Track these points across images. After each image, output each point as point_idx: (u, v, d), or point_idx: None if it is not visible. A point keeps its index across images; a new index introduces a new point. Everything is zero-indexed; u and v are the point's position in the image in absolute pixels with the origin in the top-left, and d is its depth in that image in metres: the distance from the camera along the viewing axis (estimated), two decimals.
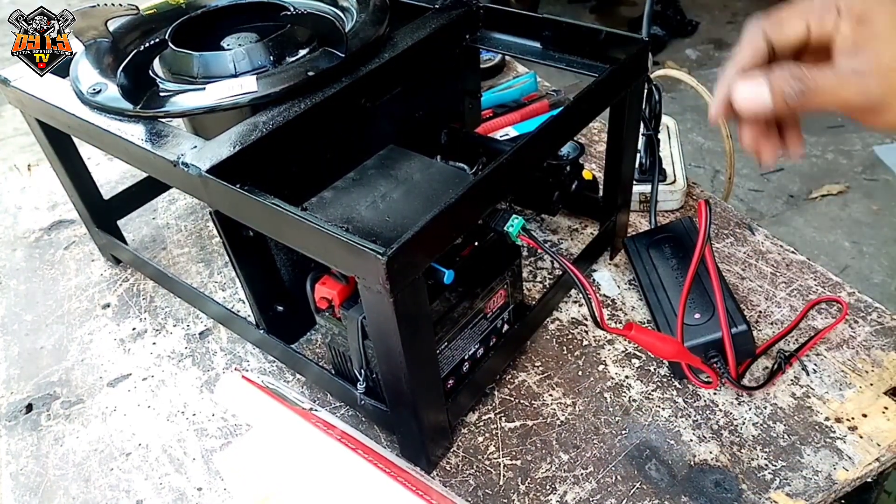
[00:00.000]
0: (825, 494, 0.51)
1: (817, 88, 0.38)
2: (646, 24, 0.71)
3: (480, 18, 0.66)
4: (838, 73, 0.37)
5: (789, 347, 0.60)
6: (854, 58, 0.37)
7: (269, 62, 0.58)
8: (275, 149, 0.52)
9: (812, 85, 0.38)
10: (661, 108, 0.75)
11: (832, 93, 0.38)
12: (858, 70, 0.37)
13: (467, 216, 0.46)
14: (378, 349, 0.47)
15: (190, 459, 0.58)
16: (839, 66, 0.37)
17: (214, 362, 0.66)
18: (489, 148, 0.66)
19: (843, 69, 0.37)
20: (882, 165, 2.19)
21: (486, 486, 0.53)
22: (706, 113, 0.49)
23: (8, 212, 0.90)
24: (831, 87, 0.37)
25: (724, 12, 3.15)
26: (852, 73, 0.37)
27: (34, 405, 0.64)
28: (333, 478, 0.42)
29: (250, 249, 0.55)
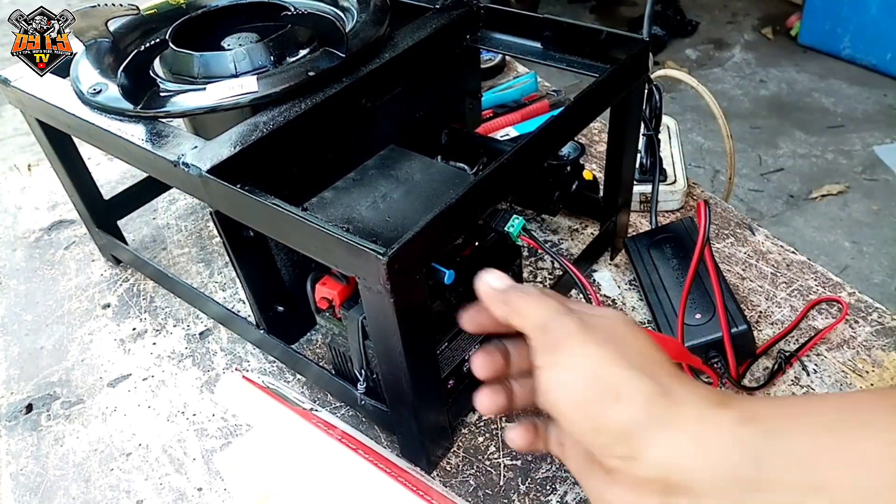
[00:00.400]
0: None
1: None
2: (646, 25, 0.71)
3: (481, 18, 0.66)
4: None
5: (790, 348, 0.60)
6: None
7: (269, 62, 0.58)
8: (275, 149, 0.52)
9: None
10: (662, 109, 0.75)
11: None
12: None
13: (468, 216, 0.46)
14: (378, 349, 0.47)
15: (190, 460, 0.58)
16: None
17: (215, 362, 0.66)
18: (490, 148, 0.66)
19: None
20: (882, 165, 2.20)
21: (487, 487, 0.53)
22: (706, 113, 0.50)
23: (8, 212, 0.90)
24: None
25: (724, 12, 3.15)
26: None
27: (34, 405, 0.64)
28: (334, 478, 0.42)
29: (251, 250, 0.55)
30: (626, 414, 0.33)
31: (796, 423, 0.32)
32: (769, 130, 2.39)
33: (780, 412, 0.33)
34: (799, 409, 0.33)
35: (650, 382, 0.34)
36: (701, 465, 0.32)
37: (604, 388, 0.34)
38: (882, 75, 2.57)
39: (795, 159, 2.26)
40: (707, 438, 0.32)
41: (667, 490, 0.32)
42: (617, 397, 0.33)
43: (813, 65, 2.70)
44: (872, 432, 0.30)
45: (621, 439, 0.33)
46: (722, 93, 2.58)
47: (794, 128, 2.39)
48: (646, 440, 0.33)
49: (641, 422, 0.33)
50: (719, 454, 0.32)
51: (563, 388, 0.35)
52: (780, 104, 2.52)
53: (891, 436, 0.30)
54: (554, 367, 0.35)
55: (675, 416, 0.33)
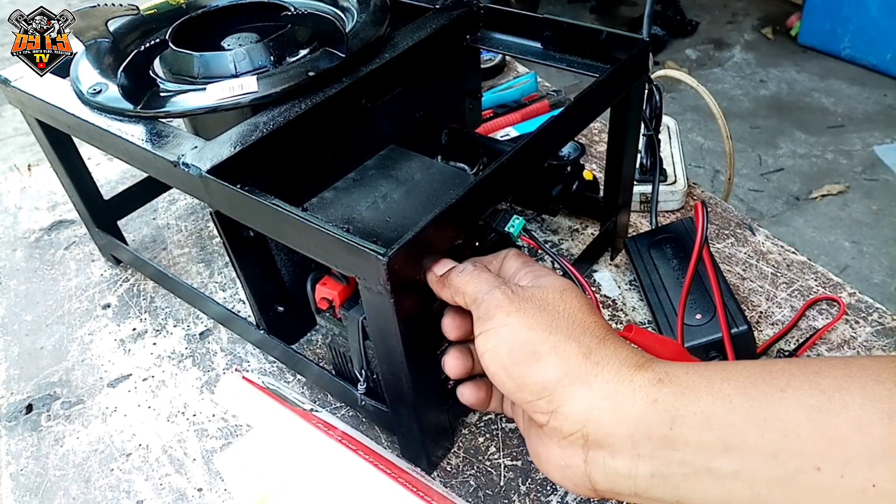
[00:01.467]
0: None
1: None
2: (646, 24, 0.71)
3: (481, 19, 0.66)
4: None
5: (789, 347, 0.60)
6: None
7: (269, 62, 0.58)
8: (275, 149, 0.52)
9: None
10: (662, 109, 0.75)
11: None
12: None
13: (468, 217, 0.46)
14: (378, 350, 0.47)
15: (190, 460, 0.58)
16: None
17: (215, 363, 0.66)
18: (490, 148, 0.66)
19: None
20: (882, 165, 2.20)
21: (487, 487, 0.53)
22: (706, 113, 0.50)
23: (8, 212, 0.90)
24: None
25: (724, 12, 3.15)
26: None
27: (34, 405, 0.64)
28: (334, 478, 0.42)
29: (251, 250, 0.55)
30: (545, 372, 0.36)
31: (711, 385, 0.33)
32: (769, 130, 2.39)
33: (696, 375, 0.34)
34: (716, 374, 0.34)
35: (571, 344, 0.36)
36: (616, 421, 0.34)
37: (525, 350, 0.36)
38: (882, 75, 2.57)
39: (795, 159, 2.26)
40: (622, 397, 0.34)
41: (586, 443, 0.35)
42: (537, 358, 0.36)
43: (813, 65, 2.70)
44: (787, 397, 0.31)
45: (543, 395, 0.36)
46: (722, 93, 2.58)
47: (794, 128, 2.39)
48: (564, 396, 0.35)
49: (560, 379, 0.35)
50: (634, 412, 0.33)
51: (491, 353, 0.38)
52: (780, 104, 2.52)
53: (806, 401, 0.30)
54: (483, 335, 0.38)
55: (592, 375, 0.35)
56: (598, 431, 0.34)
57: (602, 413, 0.34)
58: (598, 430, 0.34)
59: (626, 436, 0.34)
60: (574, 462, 0.36)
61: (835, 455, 0.29)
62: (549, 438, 0.37)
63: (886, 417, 0.29)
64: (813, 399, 0.30)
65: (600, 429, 0.34)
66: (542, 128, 0.50)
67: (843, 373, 0.31)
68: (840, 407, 0.30)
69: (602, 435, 0.34)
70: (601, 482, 0.35)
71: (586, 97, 0.53)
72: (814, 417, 0.30)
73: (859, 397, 0.30)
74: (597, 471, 0.35)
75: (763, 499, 0.31)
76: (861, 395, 0.30)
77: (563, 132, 0.54)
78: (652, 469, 0.33)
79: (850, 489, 0.29)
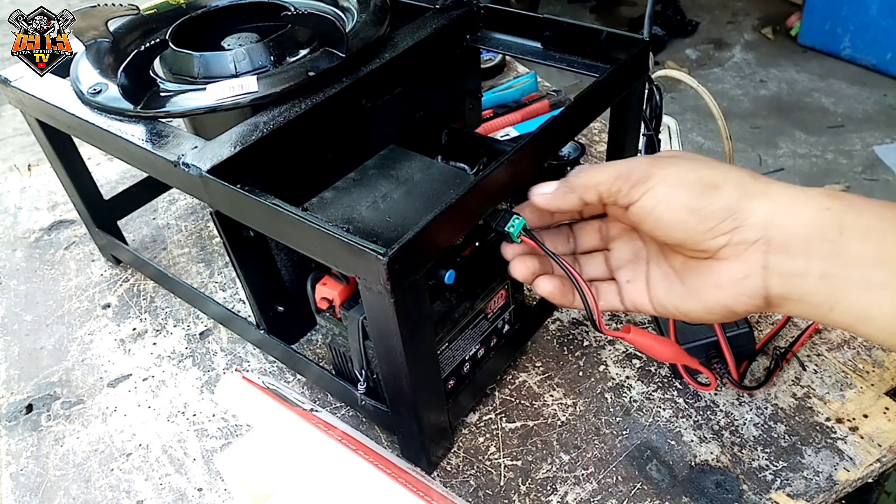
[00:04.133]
0: (826, 495, 0.51)
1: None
2: (647, 24, 0.71)
3: (481, 18, 0.66)
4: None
5: (787, 345, 0.60)
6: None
7: (269, 62, 0.58)
8: (275, 149, 0.52)
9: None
10: (662, 109, 0.75)
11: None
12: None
13: (468, 216, 0.46)
14: (379, 350, 0.47)
15: (190, 460, 0.58)
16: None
17: (215, 363, 0.66)
18: (490, 148, 0.66)
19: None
20: (882, 165, 2.19)
21: (487, 487, 0.53)
22: (706, 113, 0.52)
23: (8, 212, 0.90)
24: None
25: (724, 12, 3.15)
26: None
27: (34, 405, 0.64)
28: (334, 478, 0.42)
29: (251, 250, 0.55)
30: (727, 195, 0.39)
31: (873, 207, 0.37)
32: (769, 130, 2.39)
33: (859, 198, 0.38)
34: (875, 201, 0.38)
35: (736, 171, 0.40)
36: (795, 223, 0.38)
37: (700, 184, 0.40)
38: (882, 75, 2.57)
39: (795, 159, 2.26)
40: (800, 204, 0.38)
41: (767, 249, 0.39)
42: (715, 186, 0.40)
43: (813, 65, 2.70)
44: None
45: (727, 215, 0.39)
46: (722, 93, 2.58)
47: (794, 128, 2.39)
48: (748, 209, 0.39)
49: (740, 197, 0.39)
50: (809, 217, 0.38)
51: (665, 202, 0.41)
52: (780, 104, 2.52)
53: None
54: (650, 191, 0.41)
55: (769, 189, 0.39)
56: (779, 235, 0.38)
57: (783, 217, 0.38)
58: (779, 233, 0.38)
59: (804, 237, 0.37)
60: (753, 270, 0.39)
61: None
62: (726, 260, 0.40)
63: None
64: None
65: (782, 232, 0.38)
66: (542, 128, 0.50)
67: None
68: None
69: (783, 238, 0.38)
70: (776, 286, 0.39)
71: (586, 97, 0.53)
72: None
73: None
74: (774, 275, 0.39)
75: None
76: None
77: (563, 132, 0.54)
78: (822, 270, 0.37)
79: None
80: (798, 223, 0.38)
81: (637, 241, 0.48)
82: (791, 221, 0.38)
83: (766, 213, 0.39)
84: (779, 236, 0.38)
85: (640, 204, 0.42)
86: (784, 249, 0.38)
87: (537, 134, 0.49)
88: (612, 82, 0.56)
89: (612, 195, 0.43)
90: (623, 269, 0.49)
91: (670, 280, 0.45)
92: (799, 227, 0.38)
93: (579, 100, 0.53)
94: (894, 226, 0.36)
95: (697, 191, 0.40)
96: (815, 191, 0.39)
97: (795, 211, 0.38)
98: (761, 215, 0.39)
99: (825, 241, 0.37)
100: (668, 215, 0.41)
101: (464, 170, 0.60)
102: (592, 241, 0.50)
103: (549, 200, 0.45)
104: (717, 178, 0.40)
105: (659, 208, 0.41)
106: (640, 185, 0.41)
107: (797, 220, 0.38)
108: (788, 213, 0.38)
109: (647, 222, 0.42)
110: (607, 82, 0.55)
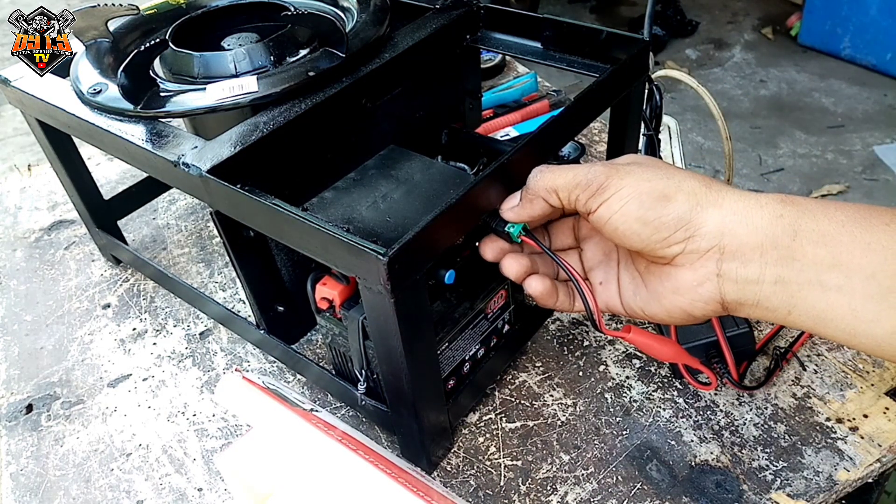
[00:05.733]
0: (826, 495, 0.51)
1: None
2: (647, 24, 0.71)
3: (481, 18, 0.66)
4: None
5: (788, 345, 0.60)
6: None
7: (269, 62, 0.58)
8: (275, 149, 0.52)
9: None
10: (662, 109, 0.74)
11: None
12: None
13: (468, 216, 0.46)
14: (379, 350, 0.47)
15: (190, 460, 0.58)
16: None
17: (215, 363, 0.66)
18: (490, 148, 0.66)
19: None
20: (882, 165, 2.19)
21: (487, 487, 0.53)
22: (706, 113, 0.52)
23: (8, 212, 0.90)
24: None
25: (724, 12, 3.15)
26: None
27: (34, 405, 0.64)
28: (334, 478, 0.42)
29: (251, 250, 0.55)
30: (678, 207, 0.40)
31: (827, 211, 0.38)
32: (769, 130, 2.39)
33: (813, 202, 0.39)
34: (830, 204, 0.39)
35: (693, 179, 0.41)
36: (747, 231, 0.39)
37: (653, 196, 0.41)
38: (882, 75, 2.57)
39: (795, 159, 2.26)
40: (752, 212, 0.39)
41: (721, 257, 0.39)
42: (667, 198, 0.40)
43: (813, 65, 2.70)
44: (890, 230, 0.36)
45: (680, 226, 0.40)
46: (722, 93, 2.58)
47: (794, 128, 2.39)
48: (700, 220, 0.40)
49: (692, 208, 0.40)
50: (763, 223, 0.38)
51: (620, 213, 0.41)
52: (780, 104, 2.52)
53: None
54: (607, 202, 0.42)
55: (720, 198, 0.40)
56: (732, 243, 0.39)
57: (735, 226, 0.39)
58: (732, 241, 0.39)
59: (757, 244, 0.38)
60: (708, 277, 0.40)
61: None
62: (682, 267, 0.41)
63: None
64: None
65: (734, 240, 0.39)
66: (542, 128, 0.50)
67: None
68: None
69: (736, 245, 0.39)
70: (730, 293, 0.40)
71: (586, 97, 0.53)
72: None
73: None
74: (728, 282, 0.40)
75: (857, 313, 0.37)
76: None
77: (563, 132, 0.54)
78: (776, 275, 0.38)
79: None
80: (750, 231, 0.39)
81: (608, 241, 0.48)
82: (743, 230, 0.39)
83: (718, 222, 0.39)
84: (731, 244, 0.39)
85: (598, 214, 0.42)
86: (737, 257, 0.39)
87: (537, 134, 0.49)
88: (612, 82, 0.56)
89: (571, 203, 0.43)
90: (595, 271, 0.50)
91: (637, 283, 0.46)
92: (751, 234, 0.39)
93: (579, 100, 0.53)
94: (847, 228, 0.37)
95: (650, 203, 0.40)
96: (769, 197, 0.40)
97: (748, 219, 0.39)
98: (713, 224, 0.39)
99: (778, 247, 0.38)
100: (623, 226, 0.42)
101: (464, 170, 0.60)
102: (567, 240, 0.51)
103: (519, 213, 0.46)
104: (670, 188, 0.40)
105: (614, 219, 0.42)
106: (597, 196, 0.42)
107: (749, 228, 0.39)
108: (741, 222, 0.39)
109: (606, 231, 0.43)
110: (607, 82, 0.55)
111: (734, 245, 0.39)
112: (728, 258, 0.39)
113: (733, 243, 0.39)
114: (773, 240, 0.38)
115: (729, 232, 0.39)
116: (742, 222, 0.39)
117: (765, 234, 0.38)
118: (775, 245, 0.38)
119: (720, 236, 0.39)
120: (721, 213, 0.39)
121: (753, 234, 0.39)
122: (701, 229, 0.40)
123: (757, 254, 0.38)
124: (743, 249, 0.39)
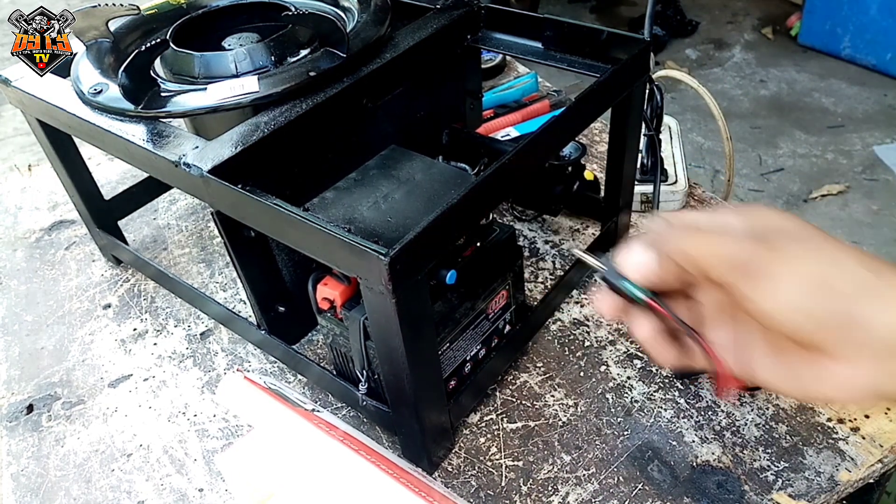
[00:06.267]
0: (828, 495, 0.51)
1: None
2: (647, 24, 0.71)
3: (481, 19, 0.66)
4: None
5: None
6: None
7: (270, 62, 0.58)
8: (276, 149, 0.52)
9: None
10: (663, 109, 0.75)
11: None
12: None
13: (469, 217, 0.46)
14: (380, 350, 0.47)
15: (191, 460, 0.58)
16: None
17: (216, 363, 0.66)
18: (491, 148, 0.66)
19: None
20: (882, 165, 2.19)
21: (488, 487, 0.53)
22: (706, 113, 0.50)
23: (8, 212, 0.90)
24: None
25: (724, 12, 3.15)
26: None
27: (35, 406, 0.64)
28: (335, 479, 0.42)
29: (252, 250, 0.55)
30: (846, 301, 0.36)
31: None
32: (769, 130, 2.39)
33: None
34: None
35: (859, 268, 0.37)
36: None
37: (818, 285, 0.37)
38: (882, 75, 2.57)
39: (795, 159, 2.26)
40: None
41: (889, 356, 0.36)
42: (834, 290, 0.36)
43: (813, 65, 2.70)
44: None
45: (846, 322, 0.36)
46: (722, 93, 2.58)
47: (794, 128, 2.39)
48: (870, 316, 0.36)
49: (863, 302, 0.36)
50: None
51: (781, 306, 0.37)
52: (780, 104, 2.52)
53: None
54: (769, 291, 0.37)
55: (893, 290, 0.36)
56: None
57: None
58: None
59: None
60: (869, 375, 0.37)
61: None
62: (834, 359, 0.37)
63: None
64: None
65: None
66: (543, 128, 0.49)
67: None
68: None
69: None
70: (892, 387, 0.37)
71: (587, 97, 0.53)
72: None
73: None
74: (892, 378, 0.36)
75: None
76: None
77: (564, 132, 0.54)
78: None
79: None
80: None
81: (723, 293, 0.40)
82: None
83: (889, 322, 0.35)
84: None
85: (753, 302, 0.37)
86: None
87: (538, 134, 0.49)
88: (612, 82, 0.56)
89: (719, 281, 0.38)
90: (708, 325, 0.42)
91: (767, 354, 0.40)
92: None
93: (580, 100, 0.53)
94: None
95: (814, 294, 0.36)
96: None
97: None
98: (884, 324, 0.36)
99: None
100: (780, 316, 0.37)
101: (465, 170, 0.60)
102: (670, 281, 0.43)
103: (647, 276, 0.40)
104: (836, 277, 0.37)
105: (775, 312, 0.37)
106: (756, 282, 0.37)
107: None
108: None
109: (755, 315, 0.38)
110: (608, 82, 0.55)
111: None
112: (891, 356, 0.36)
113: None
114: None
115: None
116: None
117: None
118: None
119: (889, 333, 0.35)
120: (892, 312, 0.35)
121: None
122: (872, 331, 0.36)
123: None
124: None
